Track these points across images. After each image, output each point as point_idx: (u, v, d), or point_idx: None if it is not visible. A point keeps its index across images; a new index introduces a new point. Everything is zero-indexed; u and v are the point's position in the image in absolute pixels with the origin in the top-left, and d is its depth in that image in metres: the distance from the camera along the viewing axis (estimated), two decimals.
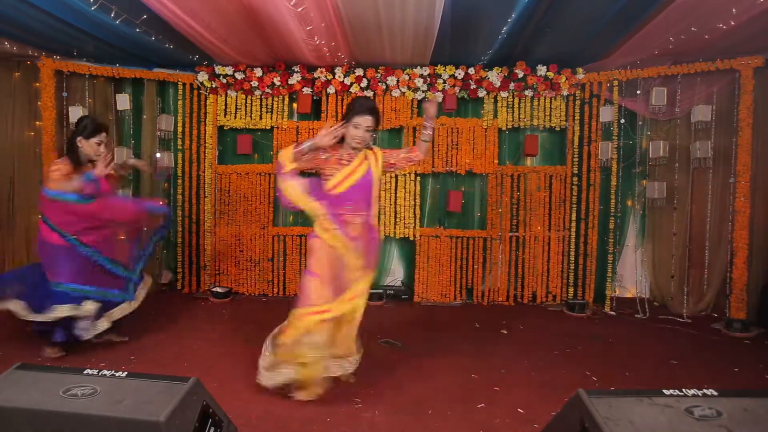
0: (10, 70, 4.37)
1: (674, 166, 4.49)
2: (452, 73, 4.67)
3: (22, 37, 3.97)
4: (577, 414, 1.43)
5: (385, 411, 2.48)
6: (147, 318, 4.06)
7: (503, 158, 4.90)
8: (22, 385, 1.52)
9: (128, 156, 4.75)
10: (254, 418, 2.36)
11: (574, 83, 4.66)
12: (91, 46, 4.12)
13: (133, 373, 1.60)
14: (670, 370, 3.12)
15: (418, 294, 4.84)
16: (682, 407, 1.38)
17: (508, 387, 2.80)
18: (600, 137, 4.66)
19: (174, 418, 1.39)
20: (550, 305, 4.75)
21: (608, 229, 4.69)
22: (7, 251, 4.41)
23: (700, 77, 4.27)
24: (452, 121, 4.78)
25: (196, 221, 4.97)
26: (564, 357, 3.33)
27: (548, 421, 1.78)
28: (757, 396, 1.43)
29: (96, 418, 1.39)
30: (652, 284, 4.74)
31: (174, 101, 4.98)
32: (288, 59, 4.60)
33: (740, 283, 3.95)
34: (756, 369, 3.16)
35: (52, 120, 4.25)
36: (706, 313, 4.41)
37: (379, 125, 2.89)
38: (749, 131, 3.95)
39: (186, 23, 3.52)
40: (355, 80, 4.72)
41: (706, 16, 3.32)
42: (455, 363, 3.17)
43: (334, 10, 3.36)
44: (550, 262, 4.81)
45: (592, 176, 4.69)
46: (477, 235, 4.83)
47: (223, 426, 1.64)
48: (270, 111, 4.88)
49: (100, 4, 3.12)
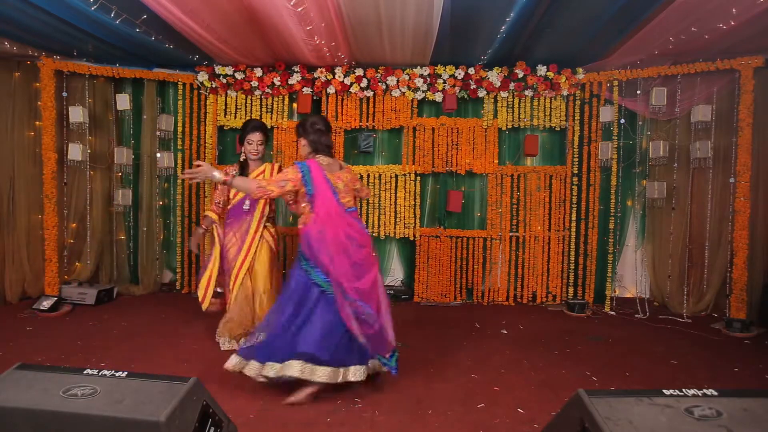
0: (10, 70, 4.37)
1: (674, 166, 4.49)
2: (452, 73, 4.67)
3: (22, 37, 3.96)
4: (577, 414, 1.43)
5: (385, 411, 2.48)
6: (147, 318, 4.06)
7: (503, 158, 4.90)
8: (22, 385, 1.52)
9: (128, 156, 4.76)
10: (254, 418, 2.36)
11: (574, 83, 4.66)
12: (91, 46, 4.12)
13: (133, 373, 1.60)
14: (670, 370, 3.12)
15: (418, 294, 4.84)
16: (682, 407, 1.38)
17: (508, 387, 2.80)
18: (600, 137, 4.67)
19: (174, 418, 1.39)
20: (550, 305, 4.75)
21: (608, 229, 4.69)
22: (7, 251, 4.40)
23: (700, 77, 4.27)
24: (452, 121, 4.78)
25: (196, 221, 4.97)
26: (564, 357, 3.33)
27: (548, 421, 1.78)
28: (757, 396, 1.43)
29: (96, 418, 1.39)
30: (652, 284, 4.74)
31: (174, 101, 4.98)
32: (288, 59, 4.60)
33: (740, 283, 3.95)
34: (756, 369, 3.16)
35: (52, 120, 4.25)
36: (706, 313, 4.41)
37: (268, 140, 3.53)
38: (749, 131, 3.95)
39: (186, 23, 3.51)
40: (355, 80, 4.72)
41: (706, 16, 3.32)
42: (455, 363, 3.17)
43: (335, 10, 3.36)
44: (550, 262, 4.81)
45: (592, 176, 4.69)
46: (477, 235, 4.84)
47: (223, 426, 1.64)
48: (270, 111, 4.88)
49: (100, 4, 3.11)
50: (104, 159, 4.84)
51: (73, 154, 4.42)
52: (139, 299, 4.74)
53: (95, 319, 4.02)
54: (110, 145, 4.84)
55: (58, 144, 4.40)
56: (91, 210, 4.78)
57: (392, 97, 4.78)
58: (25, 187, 4.45)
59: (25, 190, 4.45)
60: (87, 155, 4.59)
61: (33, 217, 4.50)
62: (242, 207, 3.45)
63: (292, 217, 5.01)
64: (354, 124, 4.80)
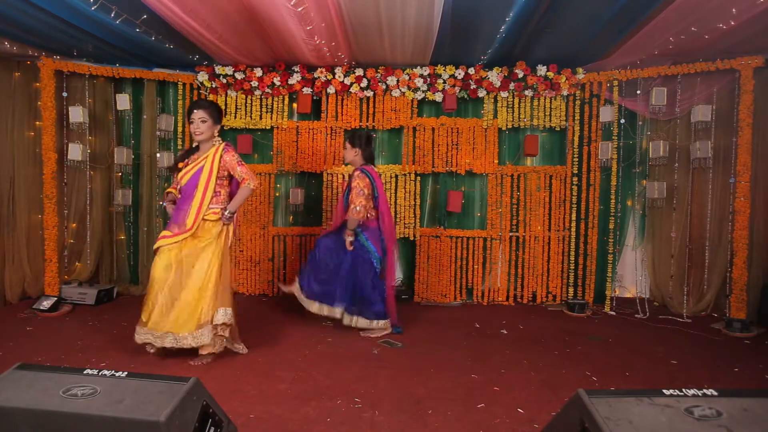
0: (10, 70, 4.37)
1: (674, 166, 4.49)
2: (452, 73, 4.67)
3: (22, 37, 3.96)
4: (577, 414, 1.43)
5: (385, 411, 2.47)
6: None
7: (503, 158, 4.90)
8: (22, 385, 1.52)
9: (128, 156, 4.76)
10: (254, 418, 2.36)
11: (574, 83, 4.66)
12: (91, 46, 4.12)
13: (133, 373, 1.60)
14: (670, 370, 3.12)
15: (418, 294, 4.84)
16: (682, 407, 1.38)
17: (508, 387, 2.80)
18: (600, 137, 4.67)
19: (174, 418, 1.39)
20: (550, 305, 4.75)
21: (608, 229, 4.69)
22: (7, 251, 4.40)
23: (700, 77, 4.27)
24: (452, 121, 4.78)
25: None
26: (564, 357, 3.33)
27: (548, 421, 1.78)
28: (757, 396, 1.43)
29: (96, 418, 1.38)
30: (652, 284, 4.74)
31: (174, 101, 4.98)
32: (288, 59, 4.60)
33: (740, 283, 3.95)
34: (756, 369, 3.16)
35: (52, 120, 4.25)
36: (706, 313, 4.41)
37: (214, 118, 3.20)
38: (749, 131, 3.95)
39: (186, 23, 3.52)
40: (355, 80, 4.72)
41: (706, 16, 3.32)
42: (455, 363, 3.17)
43: (335, 10, 3.36)
44: (550, 262, 4.81)
45: (592, 176, 4.69)
46: (477, 235, 4.84)
47: (223, 426, 1.64)
48: (270, 111, 4.88)
49: (100, 4, 3.11)
50: (104, 159, 4.84)
51: (73, 154, 4.42)
52: (139, 299, 4.68)
53: (95, 319, 4.02)
54: (110, 145, 4.84)
55: (58, 144, 4.40)
56: (91, 210, 4.78)
57: (392, 97, 4.78)
58: (25, 187, 4.45)
59: (25, 190, 4.45)
60: (87, 155, 4.59)
61: (33, 217, 4.50)
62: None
63: (292, 217, 5.02)
64: (354, 124, 4.80)
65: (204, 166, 3.12)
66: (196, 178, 3.11)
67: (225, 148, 3.16)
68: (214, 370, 2.95)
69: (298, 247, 4.94)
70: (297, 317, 4.10)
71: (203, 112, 3.11)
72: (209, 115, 3.13)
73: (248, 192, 3.15)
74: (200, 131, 3.11)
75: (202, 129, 3.11)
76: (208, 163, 3.12)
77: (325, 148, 4.84)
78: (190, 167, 3.16)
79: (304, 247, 4.93)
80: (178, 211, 3.15)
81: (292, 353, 3.29)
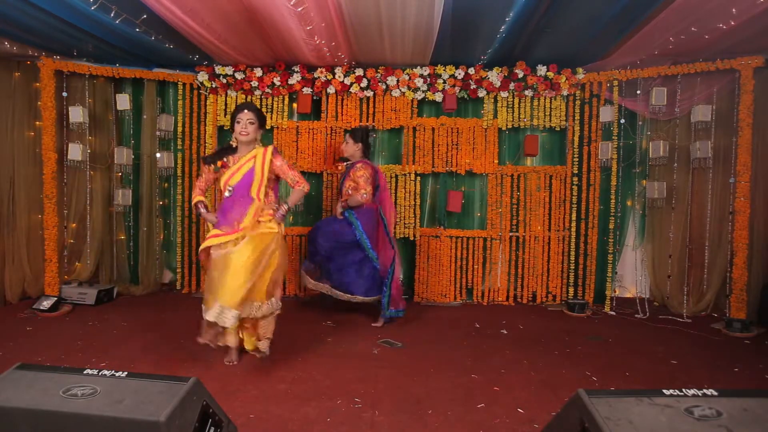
0: (10, 70, 4.37)
1: (674, 166, 4.49)
2: (452, 73, 4.67)
3: (22, 37, 3.96)
4: (577, 414, 1.43)
5: (385, 411, 2.48)
6: (147, 318, 4.06)
7: (503, 158, 4.90)
8: (22, 385, 1.52)
9: (128, 156, 4.76)
10: (254, 418, 2.36)
11: (574, 83, 4.66)
12: (91, 46, 4.12)
13: (133, 373, 1.60)
14: (670, 370, 3.12)
15: (419, 294, 4.84)
16: (682, 407, 1.38)
17: (508, 387, 2.80)
18: (600, 137, 4.67)
19: (174, 418, 1.39)
20: (550, 305, 4.75)
21: (608, 229, 4.69)
22: (7, 251, 4.40)
23: (700, 77, 4.27)
24: (452, 121, 4.78)
25: (196, 221, 4.97)
26: (564, 357, 3.33)
27: (548, 421, 1.78)
28: (757, 396, 1.43)
29: (96, 418, 1.39)
30: (652, 284, 4.74)
31: (174, 101, 4.99)
32: (288, 59, 4.60)
33: (740, 283, 3.95)
34: (756, 369, 3.16)
35: (52, 120, 4.25)
36: (706, 313, 4.41)
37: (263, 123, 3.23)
38: (749, 131, 3.95)
39: (186, 23, 3.52)
40: (355, 80, 4.72)
41: (706, 16, 3.33)
42: (455, 363, 3.17)
43: (335, 10, 3.36)
44: (550, 262, 4.81)
45: (592, 176, 4.69)
46: (477, 235, 4.84)
47: (223, 426, 1.64)
48: (270, 111, 4.88)
49: (100, 3, 3.11)
50: (104, 159, 4.84)
51: (73, 154, 4.42)
52: (139, 299, 4.74)
53: (95, 319, 4.02)
54: (110, 145, 4.84)
55: (58, 144, 4.40)
56: (91, 210, 4.78)
57: (392, 97, 4.78)
58: (25, 187, 4.45)
59: (25, 190, 4.45)
60: (87, 155, 4.59)
61: (33, 217, 4.50)
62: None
63: (291, 217, 5.02)
64: (354, 124, 4.80)
65: (254, 167, 3.08)
66: (248, 179, 3.06)
67: (274, 152, 3.15)
68: (214, 370, 2.95)
69: (298, 247, 4.94)
70: (297, 317, 4.10)
71: (252, 114, 3.11)
72: (257, 117, 3.14)
73: (302, 194, 3.23)
74: (247, 132, 3.09)
75: (249, 130, 3.10)
76: (258, 165, 3.08)
77: (325, 148, 4.84)
78: (235, 168, 3.10)
79: (304, 247, 4.93)
80: (228, 211, 3.06)
81: (292, 353, 3.29)
